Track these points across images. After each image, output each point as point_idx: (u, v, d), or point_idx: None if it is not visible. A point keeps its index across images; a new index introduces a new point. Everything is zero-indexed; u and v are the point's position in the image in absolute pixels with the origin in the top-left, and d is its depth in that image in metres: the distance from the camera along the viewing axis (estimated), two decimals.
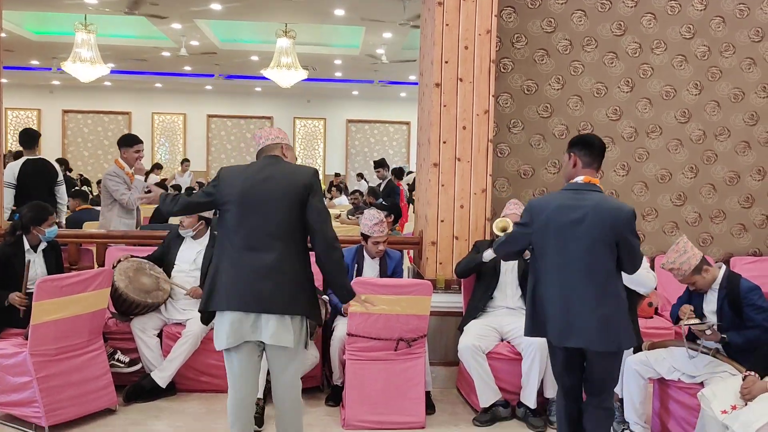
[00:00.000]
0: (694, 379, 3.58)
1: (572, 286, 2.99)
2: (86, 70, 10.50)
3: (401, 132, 19.04)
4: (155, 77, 16.25)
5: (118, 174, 5.47)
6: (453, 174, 4.80)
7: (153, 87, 17.62)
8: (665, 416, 3.84)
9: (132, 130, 16.66)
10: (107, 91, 17.52)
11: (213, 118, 18.40)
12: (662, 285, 5.30)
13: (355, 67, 14.40)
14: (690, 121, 5.47)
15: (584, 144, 3.12)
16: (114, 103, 17.79)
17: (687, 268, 3.53)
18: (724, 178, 5.53)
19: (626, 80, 5.39)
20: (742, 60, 5.46)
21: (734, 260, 5.38)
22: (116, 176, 5.46)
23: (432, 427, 4.01)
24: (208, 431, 3.86)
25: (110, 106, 17.83)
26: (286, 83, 11.27)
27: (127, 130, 17.21)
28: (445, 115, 4.78)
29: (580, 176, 3.09)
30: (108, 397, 4.04)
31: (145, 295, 4.35)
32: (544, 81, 5.32)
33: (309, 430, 3.90)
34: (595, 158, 3.12)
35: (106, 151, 17.81)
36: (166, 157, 18.03)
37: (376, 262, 4.54)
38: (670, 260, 3.58)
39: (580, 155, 3.10)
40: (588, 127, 5.36)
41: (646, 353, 3.80)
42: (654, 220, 5.50)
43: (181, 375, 4.37)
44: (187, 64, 14.40)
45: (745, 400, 3.07)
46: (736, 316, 3.50)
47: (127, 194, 5.45)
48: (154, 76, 16.04)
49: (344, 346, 4.12)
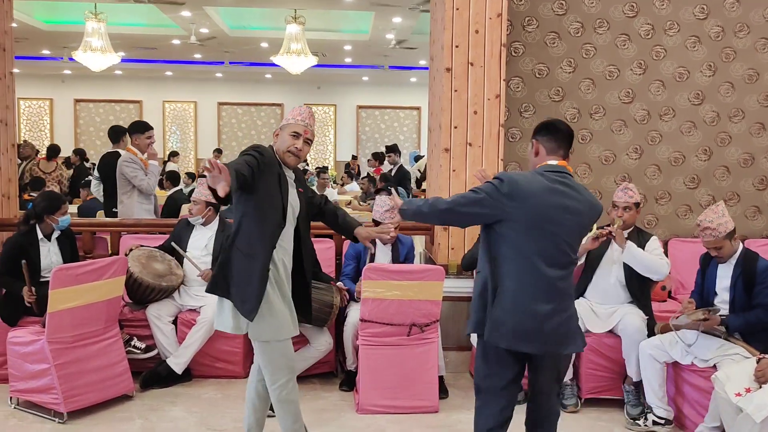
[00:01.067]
0: (708, 362, 3.58)
1: (546, 279, 2.64)
2: (97, 59, 10.52)
3: (412, 117, 18.97)
4: (166, 65, 16.26)
5: (134, 160, 5.51)
6: (464, 159, 4.78)
7: (163, 75, 17.65)
8: (679, 399, 3.85)
9: (143, 118, 16.65)
10: (118, 79, 17.56)
11: (223, 105, 18.41)
12: (675, 268, 5.28)
13: (365, 53, 14.34)
14: (703, 102, 5.41)
15: (547, 130, 2.82)
16: (125, 91, 17.84)
17: (723, 230, 3.55)
18: (738, 160, 5.48)
19: (639, 62, 5.34)
20: (757, 40, 5.39)
21: (748, 242, 5.31)
22: (132, 162, 5.49)
23: (445, 411, 4.04)
24: (224, 417, 3.91)
25: (121, 95, 17.88)
26: (296, 70, 11.25)
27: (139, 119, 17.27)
28: (456, 100, 4.76)
29: (553, 161, 2.77)
30: (125, 384, 4.09)
31: (159, 278, 4.40)
32: (555, 64, 5.28)
33: (323, 414, 3.94)
34: (561, 144, 2.79)
35: None
36: (177, 145, 18.08)
37: (388, 248, 4.55)
38: (708, 219, 3.59)
39: (542, 141, 2.80)
40: (600, 110, 5.33)
41: (659, 337, 3.80)
42: (667, 203, 5.47)
43: (197, 361, 4.41)
44: (197, 51, 14.40)
45: (759, 382, 3.06)
46: (747, 294, 3.50)
47: (145, 179, 5.50)
48: (164, 64, 16.05)
49: (357, 332, 4.15)
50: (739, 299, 3.54)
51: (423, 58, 14.00)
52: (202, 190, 4.64)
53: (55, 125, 17.78)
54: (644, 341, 3.81)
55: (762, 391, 2.97)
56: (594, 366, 4.10)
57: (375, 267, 4.05)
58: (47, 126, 17.74)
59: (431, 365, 4.08)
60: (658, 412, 3.76)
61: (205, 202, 4.59)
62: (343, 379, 4.44)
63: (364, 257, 4.51)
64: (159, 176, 5.76)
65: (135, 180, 5.45)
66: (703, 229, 3.61)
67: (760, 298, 3.48)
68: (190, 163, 17.61)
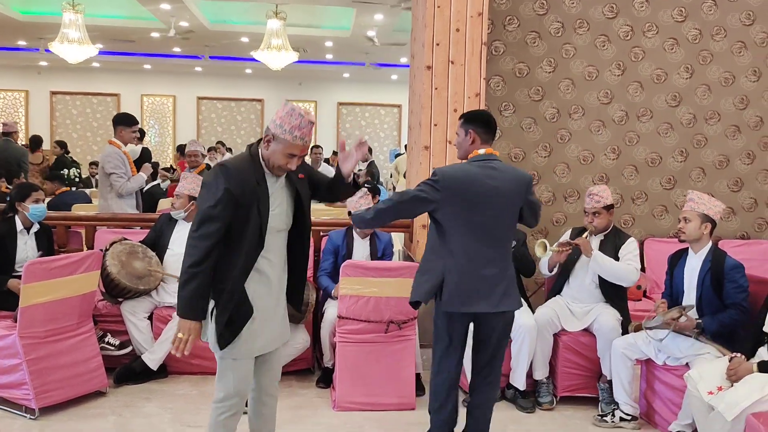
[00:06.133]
0: (680, 360, 3.63)
1: (483, 252, 3.10)
2: (74, 51, 10.36)
3: (392, 115, 18.96)
4: (144, 58, 16.08)
5: (120, 157, 5.45)
6: (444, 157, 4.79)
7: (142, 68, 17.44)
8: (651, 396, 3.89)
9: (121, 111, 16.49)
10: (96, 72, 17.32)
11: (203, 100, 18.24)
12: (651, 268, 5.35)
13: (347, 50, 14.30)
14: (680, 104, 5.48)
15: (483, 122, 3.23)
16: (102, 84, 17.60)
17: (704, 209, 3.67)
18: (713, 162, 5.56)
19: (617, 63, 5.38)
20: (733, 43, 5.46)
21: (722, 243, 5.41)
22: (117, 158, 5.43)
23: (422, 409, 4.02)
24: (199, 413, 3.88)
25: (99, 88, 17.64)
26: (276, 65, 11.18)
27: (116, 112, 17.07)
28: (437, 98, 4.76)
29: (481, 149, 3.20)
30: (98, 380, 4.04)
31: (137, 281, 4.33)
32: (535, 64, 5.30)
33: (299, 411, 3.93)
34: (491, 135, 3.25)
35: (95, 133, 17.66)
36: (156, 139, 17.90)
37: (366, 243, 4.55)
38: (699, 195, 3.75)
39: (479, 132, 3.20)
40: (579, 110, 5.37)
41: (633, 335, 3.84)
42: (644, 203, 5.52)
43: (172, 357, 4.37)
44: (176, 45, 14.25)
45: (731, 381, 3.11)
46: (715, 292, 3.55)
47: (121, 180, 5.41)
48: (143, 57, 15.87)
49: (335, 329, 4.14)
50: (707, 297, 3.59)
51: (404, 56, 14.00)
52: (185, 184, 4.59)
53: (31, 117, 17.49)
54: (617, 339, 3.86)
55: (734, 390, 3.02)
56: (569, 364, 4.13)
57: (353, 264, 4.04)
58: (23, 118, 17.45)
59: (408, 362, 4.08)
60: (626, 409, 3.82)
61: (188, 196, 4.54)
62: (320, 376, 4.43)
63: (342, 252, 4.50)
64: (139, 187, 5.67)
65: (112, 177, 5.39)
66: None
67: (732, 298, 3.53)
68: (168, 157, 17.44)
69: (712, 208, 3.68)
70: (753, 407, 2.89)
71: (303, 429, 3.69)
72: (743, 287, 3.54)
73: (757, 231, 5.65)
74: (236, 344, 2.68)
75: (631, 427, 3.80)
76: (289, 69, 12.34)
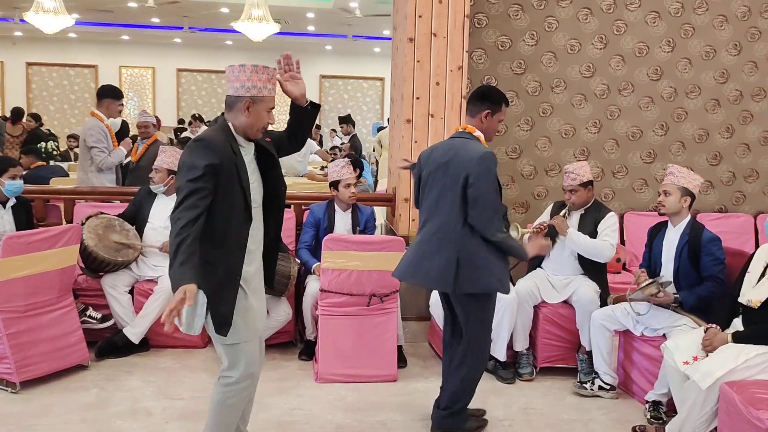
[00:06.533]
0: (657, 331, 3.69)
1: (427, 229, 3.18)
2: (50, 21, 10.14)
3: (375, 88, 18.85)
4: (122, 29, 15.80)
5: (102, 130, 5.38)
6: (426, 130, 4.78)
7: (120, 39, 17.13)
8: (629, 367, 3.96)
9: (99, 83, 16.22)
10: (72, 43, 16.99)
11: (183, 72, 18.00)
12: (630, 241, 5.41)
13: (329, 22, 14.14)
14: (662, 78, 5.49)
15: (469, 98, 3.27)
16: (80, 55, 17.28)
17: (684, 182, 3.71)
18: (693, 136, 5.60)
19: (600, 37, 5.38)
20: (715, 17, 5.47)
21: (700, 216, 5.48)
22: (100, 131, 5.36)
23: (403, 380, 4.09)
24: (182, 386, 3.89)
25: (76, 59, 17.32)
26: (257, 37, 11.03)
27: (94, 84, 16.78)
28: (419, 71, 4.73)
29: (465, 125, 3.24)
30: (80, 353, 4.03)
31: (115, 253, 4.31)
32: (518, 37, 5.28)
33: (282, 384, 3.95)
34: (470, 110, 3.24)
35: (73, 106, 17.38)
36: (135, 112, 17.65)
37: (348, 215, 4.55)
38: (679, 168, 3.79)
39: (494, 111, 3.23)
40: (561, 84, 5.37)
41: (611, 307, 3.90)
42: (624, 177, 5.56)
43: (154, 331, 4.36)
44: (154, 15, 14.00)
45: (706, 351, 3.17)
46: (692, 265, 3.61)
47: (103, 155, 5.36)
48: (120, 27, 15.59)
49: (317, 302, 4.15)
50: (684, 269, 3.64)
51: (387, 28, 13.87)
52: (164, 158, 4.55)
53: (6, 89, 17.16)
54: (596, 311, 3.91)
55: (708, 360, 3.08)
56: (549, 336, 4.19)
57: (335, 237, 4.04)
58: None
59: (390, 335, 4.11)
60: (605, 378, 3.89)
61: (167, 170, 4.50)
62: (303, 348, 4.45)
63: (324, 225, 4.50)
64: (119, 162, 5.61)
65: (93, 151, 5.33)
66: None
67: (709, 270, 3.58)
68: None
69: (692, 181, 3.72)
70: (727, 376, 2.95)
71: (286, 401, 3.72)
72: (720, 260, 3.60)
73: (735, 204, 5.72)
74: (241, 327, 2.58)
75: (609, 396, 3.88)
76: (271, 40, 12.18)
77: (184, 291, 2.21)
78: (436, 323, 4.34)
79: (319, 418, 3.53)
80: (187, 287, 2.23)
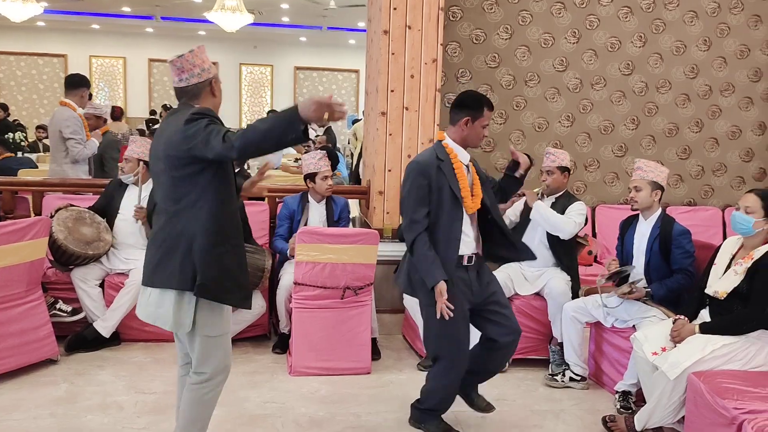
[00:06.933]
0: (627, 323, 3.75)
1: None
2: (17, 8, 9.95)
3: (350, 80, 18.79)
4: (92, 18, 15.50)
5: (78, 120, 5.29)
6: (401, 123, 4.78)
7: (90, 28, 16.81)
8: (600, 358, 4.02)
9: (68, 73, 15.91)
10: (41, 31, 16.64)
11: (155, 62, 17.74)
12: (602, 233, 5.48)
13: (303, 13, 14.03)
14: (633, 73, 5.56)
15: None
16: (49, 44, 16.92)
17: (653, 176, 3.75)
18: (663, 130, 5.68)
19: (573, 31, 5.42)
20: (685, 13, 5.55)
21: (670, 209, 5.57)
22: (76, 122, 5.27)
23: (377, 373, 4.10)
24: (154, 380, 3.85)
25: (45, 48, 16.96)
26: (231, 27, 10.94)
27: (63, 74, 16.46)
28: (394, 64, 4.73)
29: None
30: (49, 348, 3.97)
31: (86, 246, 4.25)
32: (492, 30, 5.30)
33: (255, 377, 3.94)
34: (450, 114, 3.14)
35: (42, 96, 17.04)
36: (105, 102, 17.37)
37: (322, 207, 4.54)
38: (646, 162, 3.84)
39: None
40: (535, 77, 5.40)
41: (583, 299, 3.95)
42: (596, 170, 5.63)
43: (125, 324, 4.32)
44: (125, 4, 13.77)
45: (674, 342, 3.22)
46: (663, 257, 3.67)
47: (79, 146, 5.28)
48: (90, 16, 15.30)
49: (291, 295, 4.14)
50: (654, 262, 3.71)
51: (362, 20, 13.82)
52: (135, 148, 4.49)
53: None
54: (567, 303, 3.96)
55: (676, 350, 3.13)
56: (522, 327, 4.18)
57: (309, 230, 4.03)
58: None
59: (364, 328, 4.12)
60: (575, 370, 3.94)
61: (137, 160, 4.45)
62: (276, 341, 4.43)
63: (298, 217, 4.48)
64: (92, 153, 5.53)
65: (70, 142, 5.23)
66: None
67: (679, 263, 3.64)
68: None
69: (660, 174, 3.78)
70: (694, 366, 3.01)
71: (259, 394, 3.70)
72: (690, 252, 3.66)
73: (704, 198, 5.83)
74: (220, 319, 2.58)
75: (579, 386, 3.93)
76: (244, 31, 12.10)
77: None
78: (410, 316, 4.36)
79: (293, 411, 3.52)
80: None
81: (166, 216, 2.53)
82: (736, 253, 3.28)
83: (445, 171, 3.02)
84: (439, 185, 3.00)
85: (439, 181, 3.00)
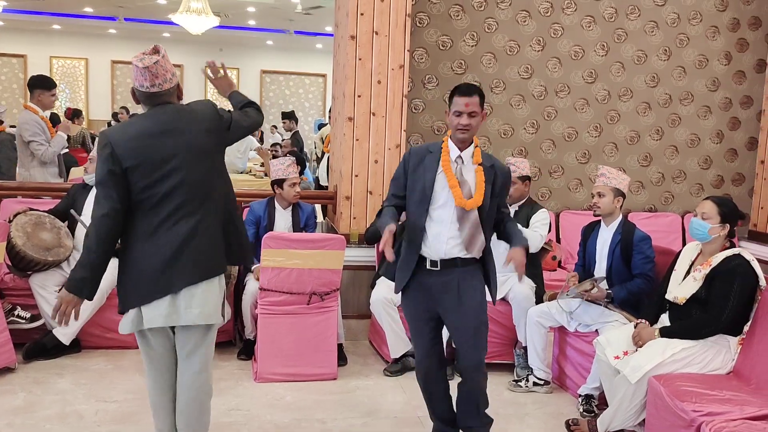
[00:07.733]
0: (590, 327, 3.81)
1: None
2: None
3: (317, 84, 18.73)
4: (53, 18, 15.19)
5: (38, 123, 5.18)
6: (368, 129, 4.78)
7: (51, 29, 16.46)
8: (563, 362, 4.07)
9: (28, 74, 15.55)
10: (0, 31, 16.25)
11: (118, 64, 17.45)
12: (566, 239, 5.55)
13: (270, 16, 13.96)
14: (596, 81, 5.66)
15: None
16: (7, 44, 16.51)
17: (615, 183, 3.82)
18: (625, 138, 5.79)
19: (538, 39, 5.50)
20: (646, 23, 5.67)
21: (631, 215, 5.68)
22: (36, 124, 5.16)
23: (344, 378, 4.09)
24: (114, 388, 3.78)
25: (3, 48, 16.54)
26: (196, 30, 10.84)
27: (23, 75, 16.11)
28: (360, 69, 4.73)
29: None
30: (6, 356, 3.87)
31: (45, 252, 4.14)
32: (459, 37, 5.34)
33: (220, 384, 3.89)
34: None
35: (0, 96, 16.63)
36: (67, 104, 17.02)
37: (288, 213, 4.52)
38: (609, 169, 3.89)
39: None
40: (500, 84, 5.46)
41: (547, 304, 4.00)
42: (560, 177, 5.71)
43: (86, 332, 4.23)
44: (87, 5, 13.52)
45: (636, 346, 3.28)
46: (624, 262, 3.74)
47: (43, 147, 5.18)
48: (51, 16, 14.98)
49: (256, 301, 4.10)
50: (616, 267, 3.78)
51: (329, 25, 13.80)
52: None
53: None
54: (532, 308, 4.00)
55: (638, 354, 3.19)
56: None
57: (275, 236, 4.00)
58: None
59: (330, 333, 4.10)
60: (539, 374, 3.99)
61: None
62: (241, 348, 4.39)
63: (264, 223, 4.45)
64: (62, 149, 5.42)
65: (32, 145, 5.13)
66: (600, 175, 4.02)
67: (639, 268, 3.72)
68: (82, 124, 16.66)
69: (622, 181, 3.85)
70: (654, 370, 3.07)
71: (224, 401, 3.66)
72: (650, 258, 3.74)
73: (664, 204, 5.95)
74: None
75: (543, 391, 3.98)
76: (210, 34, 11.99)
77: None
78: (376, 321, 4.35)
79: (258, 418, 3.49)
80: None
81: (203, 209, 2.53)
82: (695, 260, 3.35)
83: (427, 162, 2.95)
84: (415, 177, 2.94)
85: (416, 172, 2.95)
